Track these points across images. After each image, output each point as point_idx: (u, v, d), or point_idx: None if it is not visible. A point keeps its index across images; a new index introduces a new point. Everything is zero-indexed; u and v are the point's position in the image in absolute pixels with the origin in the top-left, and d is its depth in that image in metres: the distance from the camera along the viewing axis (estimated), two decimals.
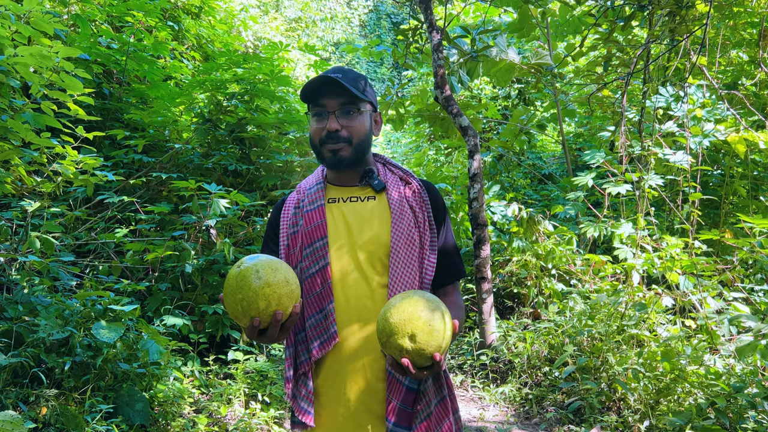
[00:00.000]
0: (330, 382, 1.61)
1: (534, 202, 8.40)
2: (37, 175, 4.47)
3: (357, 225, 1.67)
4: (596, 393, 3.87)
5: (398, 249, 1.63)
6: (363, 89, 1.69)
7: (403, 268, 1.62)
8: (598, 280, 5.14)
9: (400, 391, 1.55)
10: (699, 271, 4.44)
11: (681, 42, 4.06)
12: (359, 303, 1.61)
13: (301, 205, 1.73)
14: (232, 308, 1.36)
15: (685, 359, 3.68)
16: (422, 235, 1.68)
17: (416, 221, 1.68)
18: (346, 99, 1.64)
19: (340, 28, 19.40)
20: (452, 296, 1.76)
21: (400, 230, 1.65)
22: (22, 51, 3.33)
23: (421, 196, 1.73)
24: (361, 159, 1.71)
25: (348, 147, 1.65)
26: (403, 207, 1.69)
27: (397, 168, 1.81)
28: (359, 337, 1.60)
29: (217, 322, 4.22)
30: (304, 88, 1.65)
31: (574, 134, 9.53)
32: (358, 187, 1.74)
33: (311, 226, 1.67)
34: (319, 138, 1.66)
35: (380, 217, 1.68)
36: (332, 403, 1.61)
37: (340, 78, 1.62)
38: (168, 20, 7.41)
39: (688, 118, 5.10)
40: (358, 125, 1.66)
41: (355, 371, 1.59)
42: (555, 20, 6.92)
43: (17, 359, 2.87)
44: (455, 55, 6.07)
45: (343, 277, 1.63)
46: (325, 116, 1.65)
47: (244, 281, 1.33)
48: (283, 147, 5.77)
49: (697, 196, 4.77)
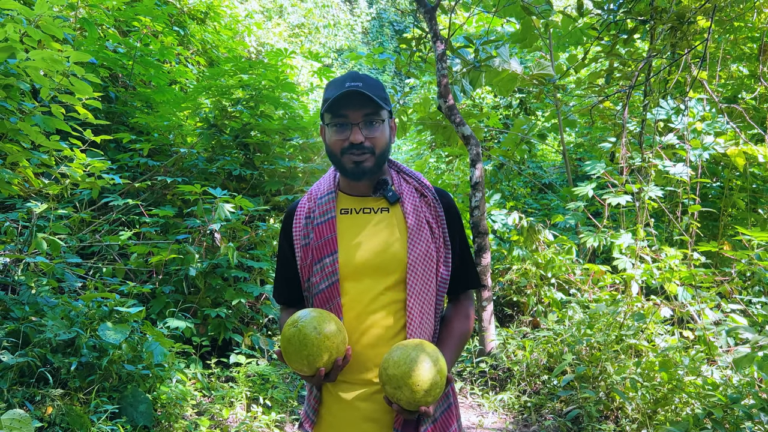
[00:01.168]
0: (336, 392, 1.62)
1: (534, 211, 8.45)
2: (44, 177, 4.51)
3: (370, 238, 1.64)
4: (594, 402, 3.91)
5: (416, 266, 1.61)
6: (384, 98, 1.64)
7: (422, 285, 1.61)
8: (597, 290, 5.18)
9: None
10: (697, 282, 4.49)
11: (682, 56, 4.12)
12: (370, 319, 1.60)
13: (312, 216, 1.69)
14: (297, 363, 1.49)
15: (682, 370, 3.72)
16: (438, 251, 1.66)
17: (433, 236, 1.66)
18: (369, 110, 1.59)
19: (342, 34, 19.50)
20: (463, 306, 1.76)
21: (418, 247, 1.62)
22: (34, 55, 3.38)
23: (437, 209, 1.70)
24: (381, 169, 1.67)
25: (371, 158, 1.61)
26: (420, 222, 1.65)
27: (412, 177, 1.76)
28: (368, 352, 1.59)
29: (219, 325, 4.25)
30: (329, 100, 1.59)
31: (574, 144, 9.59)
32: (371, 198, 1.69)
33: (321, 241, 1.63)
34: (341, 149, 1.61)
35: (394, 231, 1.64)
36: (337, 410, 1.62)
37: (362, 87, 1.57)
38: (174, 25, 7.48)
39: (689, 130, 5.15)
40: (380, 135, 1.62)
41: (361, 382, 1.60)
42: (557, 31, 6.98)
43: (24, 359, 2.91)
44: (458, 65, 6.13)
45: (354, 292, 1.61)
46: (347, 127, 1.59)
47: (306, 339, 1.46)
48: (287, 153, 5.82)
49: (696, 208, 4.82)
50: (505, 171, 8.57)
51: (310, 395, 1.68)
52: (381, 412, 1.59)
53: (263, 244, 4.74)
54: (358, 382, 1.61)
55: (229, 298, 4.24)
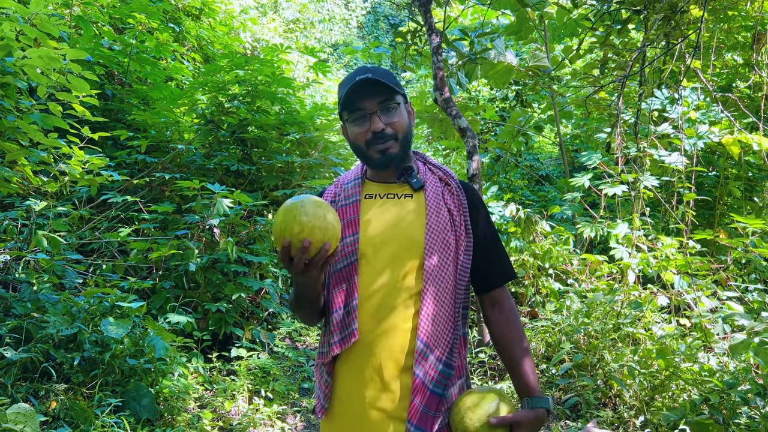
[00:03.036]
0: (347, 379, 1.60)
1: (531, 203, 8.48)
2: (43, 175, 4.53)
3: (391, 222, 1.64)
4: (592, 389, 3.95)
5: (433, 253, 1.59)
6: (396, 83, 1.64)
7: (437, 273, 1.59)
8: (594, 280, 5.22)
9: (424, 393, 1.53)
10: (693, 270, 4.52)
11: (676, 45, 4.14)
12: (384, 302, 1.58)
13: (337, 200, 1.71)
14: (275, 230, 1.46)
15: (679, 357, 3.76)
16: (458, 239, 1.64)
17: (453, 224, 1.65)
18: (383, 96, 1.61)
19: (337, 29, 19.46)
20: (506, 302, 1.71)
21: (435, 233, 1.61)
22: (31, 53, 3.40)
23: (459, 198, 1.70)
24: (407, 154, 1.68)
25: (395, 144, 1.63)
26: (440, 208, 1.65)
27: (438, 168, 1.77)
28: (380, 336, 1.57)
29: (220, 320, 4.28)
30: (343, 97, 1.61)
31: (571, 136, 9.62)
32: (396, 184, 1.71)
33: (344, 221, 1.64)
34: (365, 141, 1.62)
35: (415, 216, 1.64)
36: (348, 399, 1.60)
37: (372, 76, 1.58)
38: (169, 22, 7.47)
39: (683, 120, 5.18)
40: (400, 119, 1.64)
41: (373, 370, 1.57)
42: (552, 23, 6.99)
43: (27, 354, 2.94)
44: (454, 58, 6.15)
45: (371, 274, 1.60)
46: (366, 118, 1.61)
47: (289, 208, 1.43)
48: (284, 148, 5.84)
49: (691, 197, 4.85)
50: (502, 163, 8.60)
51: (320, 380, 1.65)
52: (391, 401, 1.56)
53: (262, 238, 4.77)
54: (367, 370, 1.57)
55: (229, 292, 4.27)
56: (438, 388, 1.55)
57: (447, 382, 1.57)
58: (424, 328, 1.56)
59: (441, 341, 1.58)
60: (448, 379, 1.57)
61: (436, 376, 1.55)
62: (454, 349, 1.61)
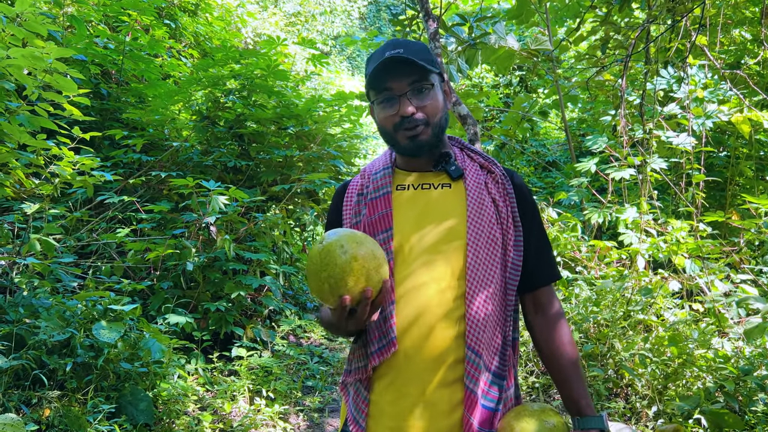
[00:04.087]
0: (383, 394, 1.44)
1: (538, 189, 8.36)
2: (35, 178, 4.47)
3: (428, 217, 1.46)
4: (603, 380, 3.84)
5: (478, 249, 1.42)
6: (430, 60, 1.46)
7: (483, 271, 1.41)
8: (603, 267, 5.10)
9: (477, 408, 1.37)
10: (705, 253, 4.39)
11: (680, 22, 3.99)
12: (425, 307, 1.40)
13: (365, 192, 1.53)
14: (317, 287, 1.26)
15: (692, 343, 3.64)
16: (505, 233, 1.47)
17: (498, 216, 1.47)
18: (416, 76, 1.43)
19: (339, 21, 19.33)
20: (552, 306, 1.53)
21: (479, 227, 1.43)
22: (14, 53, 3.31)
23: (505, 186, 1.51)
24: (440, 140, 1.50)
25: (426, 129, 1.44)
26: (482, 199, 1.47)
27: (477, 154, 1.58)
28: (421, 346, 1.40)
29: (220, 319, 4.21)
30: (370, 75, 1.43)
31: (577, 120, 9.46)
32: (431, 173, 1.52)
33: (375, 216, 1.47)
34: (393, 125, 1.45)
35: (456, 208, 1.47)
36: (384, 416, 1.43)
37: (403, 53, 1.40)
38: (165, 18, 7.39)
39: (690, 99, 5.03)
40: (432, 103, 1.45)
41: (414, 384, 1.40)
42: (555, 5, 6.84)
43: (18, 362, 2.87)
44: (453, 44, 6.02)
45: (407, 275, 1.43)
46: (395, 100, 1.43)
47: (329, 257, 1.23)
48: (283, 142, 5.75)
49: (700, 178, 4.71)
50: (507, 150, 8.47)
51: (356, 398, 1.47)
52: (435, 418, 1.39)
53: (263, 235, 4.68)
54: (409, 384, 1.41)
55: (228, 291, 4.19)
56: (489, 402, 1.40)
57: (498, 393, 1.42)
58: (473, 334, 1.39)
59: (491, 349, 1.42)
60: (499, 390, 1.42)
61: (486, 389, 1.40)
62: (505, 356, 1.45)
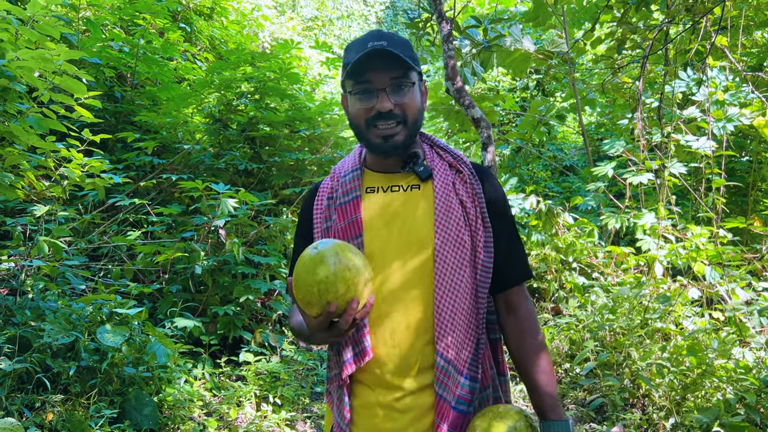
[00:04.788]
0: (361, 399, 1.46)
1: (555, 194, 8.23)
2: (47, 180, 4.47)
3: (397, 221, 1.44)
4: (619, 390, 3.73)
5: (445, 253, 1.40)
6: (413, 57, 1.42)
7: (452, 276, 1.39)
8: (620, 273, 4.98)
9: (448, 413, 1.38)
10: (726, 260, 4.26)
11: (700, 22, 3.88)
12: (396, 315, 1.41)
13: (335, 196, 1.50)
14: (305, 292, 1.24)
15: (712, 353, 3.52)
16: (474, 235, 1.44)
17: (467, 218, 1.44)
18: (398, 72, 1.38)
19: (356, 25, 19.34)
20: (522, 307, 1.51)
21: (446, 231, 1.41)
22: (23, 54, 3.31)
23: (473, 186, 1.47)
24: (414, 140, 1.46)
25: (403, 129, 1.40)
26: (450, 202, 1.43)
27: (447, 152, 1.53)
28: (393, 353, 1.41)
29: (228, 323, 4.17)
30: (350, 64, 1.38)
31: (595, 124, 9.32)
32: (400, 174, 1.49)
33: (345, 223, 1.45)
34: (366, 119, 1.40)
35: (423, 210, 1.44)
36: (361, 422, 1.45)
37: (387, 46, 1.35)
38: (180, 22, 7.40)
39: (710, 102, 4.91)
40: (411, 101, 1.41)
41: (388, 391, 1.42)
42: (572, 7, 6.74)
43: (22, 365, 2.84)
44: (468, 46, 5.95)
45: (379, 282, 1.41)
46: (373, 94, 1.38)
47: (323, 263, 1.22)
48: (295, 145, 5.71)
49: (720, 183, 4.58)
50: (523, 154, 8.36)
51: (339, 404, 1.47)
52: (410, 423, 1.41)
53: (272, 239, 4.64)
54: (383, 388, 1.42)
55: (237, 295, 4.15)
56: (462, 405, 1.38)
57: (471, 396, 1.40)
58: (442, 341, 1.38)
59: (462, 353, 1.40)
60: (472, 393, 1.40)
61: (458, 392, 1.38)
62: (478, 359, 1.43)
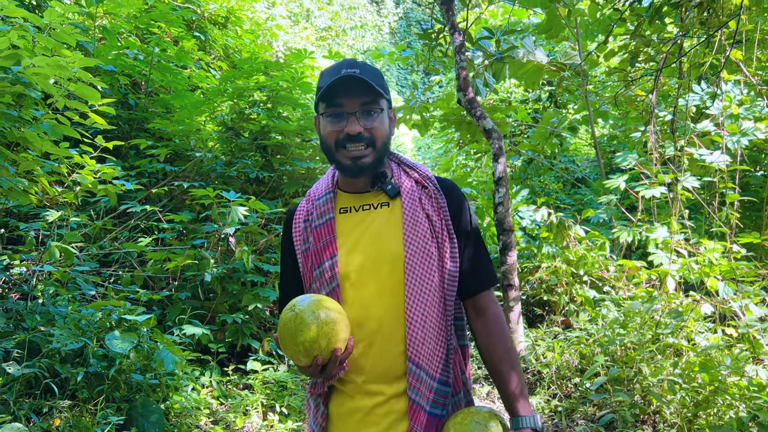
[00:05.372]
0: (340, 407, 1.54)
1: (567, 206, 8.19)
2: (59, 186, 4.51)
3: (369, 238, 1.52)
4: (629, 406, 3.68)
5: (414, 265, 1.48)
6: (383, 86, 1.53)
7: (421, 287, 1.47)
8: (632, 287, 4.93)
9: (422, 416, 1.45)
10: (740, 276, 4.21)
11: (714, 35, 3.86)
12: (370, 328, 1.49)
13: (310, 219, 1.59)
14: (293, 350, 1.38)
15: (725, 370, 3.47)
16: (440, 246, 1.52)
17: (433, 231, 1.52)
18: (367, 98, 1.48)
19: (370, 36, 19.45)
20: (490, 310, 1.58)
21: (414, 244, 1.49)
22: (39, 61, 3.35)
23: (438, 200, 1.56)
24: (382, 162, 1.55)
25: (371, 152, 1.49)
26: (416, 216, 1.52)
27: (413, 168, 1.63)
28: (371, 362, 1.49)
29: (236, 331, 4.17)
30: (323, 88, 1.47)
31: (608, 137, 9.27)
32: (370, 193, 1.58)
33: (320, 244, 1.53)
34: (335, 141, 1.49)
35: (393, 227, 1.53)
36: (342, 427, 1.53)
37: (359, 74, 1.45)
38: (195, 31, 7.47)
39: (724, 115, 4.86)
40: (379, 126, 1.50)
41: (365, 399, 1.50)
42: (585, 20, 6.73)
43: (30, 370, 2.85)
44: (480, 57, 5.95)
45: (356, 298, 1.50)
46: (343, 117, 1.47)
47: (303, 323, 1.35)
48: (306, 154, 5.73)
49: (734, 198, 4.53)
50: (535, 166, 8.33)
51: (316, 411, 1.56)
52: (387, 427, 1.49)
53: (281, 247, 4.64)
54: (361, 396, 1.51)
55: (246, 303, 4.15)
56: (436, 409, 1.47)
57: (444, 400, 1.48)
58: (413, 348, 1.46)
59: (433, 359, 1.48)
60: (445, 397, 1.48)
61: (432, 396, 1.46)
62: (449, 364, 1.51)
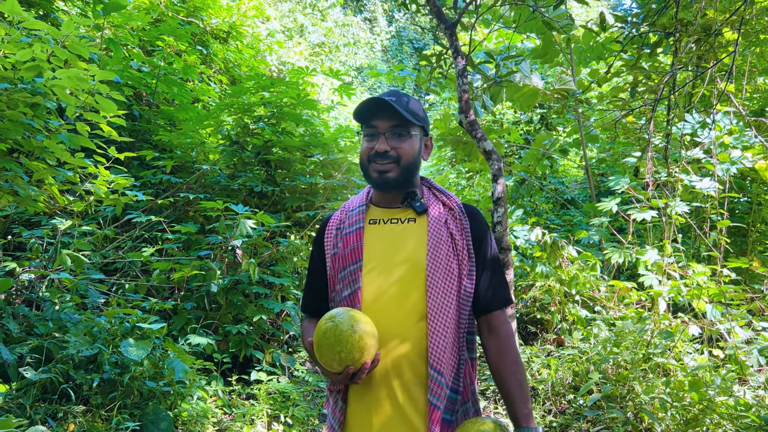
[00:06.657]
0: (358, 406, 1.63)
1: (556, 227, 8.35)
2: (69, 195, 4.56)
3: (394, 248, 1.67)
4: (622, 422, 3.80)
5: (436, 278, 1.61)
6: (415, 113, 1.70)
7: (441, 298, 1.60)
8: (623, 307, 5.08)
9: (440, 421, 1.56)
10: (727, 299, 4.37)
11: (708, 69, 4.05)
12: (390, 328, 1.60)
13: (342, 227, 1.75)
14: (328, 358, 1.50)
15: (713, 390, 3.61)
16: (461, 263, 1.66)
17: (455, 248, 1.67)
18: (397, 122, 1.66)
19: (362, 53, 19.64)
20: (502, 328, 1.70)
21: (437, 258, 1.63)
22: (60, 74, 3.44)
23: (462, 222, 1.72)
24: (408, 181, 1.72)
25: (396, 168, 1.67)
26: (440, 232, 1.67)
27: (442, 193, 1.81)
28: (390, 366, 1.60)
29: (240, 341, 4.24)
30: (358, 109, 1.67)
31: (597, 160, 9.49)
32: (399, 209, 1.74)
33: (347, 249, 1.68)
34: (368, 156, 1.68)
35: (418, 240, 1.67)
36: (359, 426, 1.62)
37: (393, 101, 1.65)
38: (197, 45, 7.58)
39: (715, 144, 5.07)
40: (407, 147, 1.68)
41: (383, 397, 1.60)
42: (579, 46, 6.95)
43: (47, 375, 2.91)
44: (479, 80, 6.12)
45: (375, 300, 1.63)
46: (375, 137, 1.68)
47: (341, 335, 1.48)
48: (308, 169, 5.84)
49: (725, 224, 4.71)
50: (527, 186, 8.50)
51: (334, 407, 1.68)
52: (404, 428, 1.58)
53: (284, 260, 4.73)
54: (378, 397, 1.60)
55: (250, 314, 4.23)
56: (447, 414, 1.59)
57: (454, 407, 1.61)
58: (434, 354, 1.59)
59: (448, 367, 1.60)
60: (454, 404, 1.62)
61: (446, 403, 1.59)
62: (460, 374, 1.64)
